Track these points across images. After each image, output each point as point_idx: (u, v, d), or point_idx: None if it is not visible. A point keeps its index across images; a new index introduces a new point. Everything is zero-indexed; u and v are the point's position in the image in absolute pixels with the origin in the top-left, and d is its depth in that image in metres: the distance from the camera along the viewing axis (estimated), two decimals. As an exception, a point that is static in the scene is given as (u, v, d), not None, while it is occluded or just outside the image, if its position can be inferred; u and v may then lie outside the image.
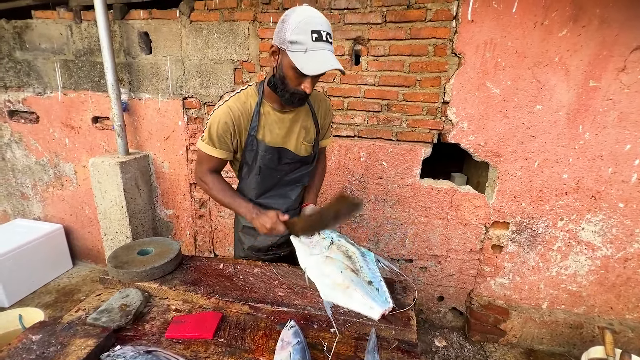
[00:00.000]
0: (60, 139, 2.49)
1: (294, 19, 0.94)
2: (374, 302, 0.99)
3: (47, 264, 2.56)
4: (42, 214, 2.78)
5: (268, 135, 1.18)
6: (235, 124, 1.14)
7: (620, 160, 1.69)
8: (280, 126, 1.19)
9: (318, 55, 0.94)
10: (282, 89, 1.06)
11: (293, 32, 0.94)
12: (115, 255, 1.21)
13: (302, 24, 0.93)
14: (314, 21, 0.94)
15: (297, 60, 0.95)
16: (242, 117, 1.14)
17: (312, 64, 0.95)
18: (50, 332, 0.90)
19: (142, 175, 2.29)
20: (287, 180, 1.28)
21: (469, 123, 1.79)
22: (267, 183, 1.26)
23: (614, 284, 1.87)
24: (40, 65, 2.34)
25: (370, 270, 1.13)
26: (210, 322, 0.98)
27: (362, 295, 1.01)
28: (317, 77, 1.03)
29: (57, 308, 2.31)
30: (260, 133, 1.17)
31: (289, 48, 0.96)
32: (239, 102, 1.14)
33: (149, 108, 2.23)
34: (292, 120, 1.20)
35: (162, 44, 2.08)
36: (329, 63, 0.95)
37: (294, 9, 0.97)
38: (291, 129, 1.21)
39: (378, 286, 1.06)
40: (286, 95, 1.07)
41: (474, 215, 1.94)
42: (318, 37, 0.93)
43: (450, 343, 2.10)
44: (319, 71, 0.95)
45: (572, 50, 1.58)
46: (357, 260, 1.17)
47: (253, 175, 1.23)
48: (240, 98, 1.15)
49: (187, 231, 2.48)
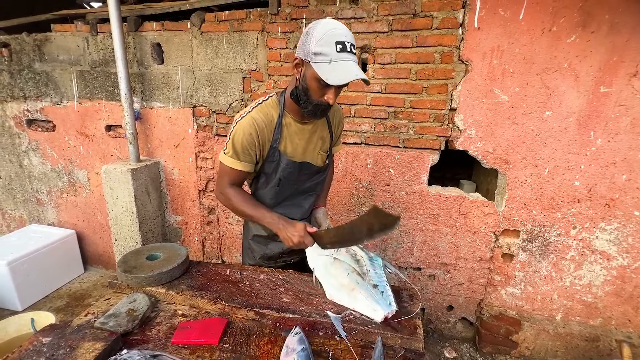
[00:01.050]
0: (75, 147, 2.56)
1: (318, 31, 0.96)
2: (377, 304, 0.99)
3: (59, 268, 2.62)
4: (56, 219, 2.85)
5: (289, 147, 1.18)
6: (259, 136, 1.12)
7: (634, 167, 1.64)
8: (300, 137, 1.19)
9: (342, 65, 0.95)
10: (305, 100, 1.06)
11: (317, 43, 0.95)
12: (125, 260, 1.23)
13: (326, 35, 0.94)
14: (338, 32, 0.95)
15: (322, 71, 0.96)
16: (266, 128, 1.13)
17: (336, 74, 0.95)
18: (60, 335, 0.91)
19: (152, 182, 2.33)
20: (301, 189, 1.28)
21: (476, 130, 1.78)
22: (285, 194, 1.26)
23: (631, 295, 1.81)
24: (57, 76, 2.43)
25: (377, 274, 1.13)
26: (216, 327, 0.98)
27: (365, 297, 1.01)
28: (340, 88, 1.03)
29: (68, 312, 2.34)
30: (282, 144, 1.17)
31: (313, 60, 0.97)
32: (262, 113, 1.13)
33: (160, 116, 2.29)
34: (311, 131, 1.20)
35: (173, 55, 2.14)
36: (353, 73, 0.95)
37: (317, 22, 0.99)
38: (310, 140, 1.21)
39: (383, 290, 1.06)
40: (309, 107, 1.07)
41: (483, 223, 1.90)
42: (342, 48, 0.94)
43: (460, 354, 2.05)
44: (343, 81, 0.96)
45: (582, 56, 1.57)
46: (365, 264, 1.18)
47: (272, 187, 1.23)
48: (263, 109, 1.14)
49: (196, 237, 2.50)
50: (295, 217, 1.27)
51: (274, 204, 1.27)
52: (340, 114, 1.33)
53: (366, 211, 0.97)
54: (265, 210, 1.20)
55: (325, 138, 1.25)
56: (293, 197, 1.28)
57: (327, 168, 1.34)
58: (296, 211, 1.30)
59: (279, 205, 1.28)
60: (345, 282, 1.06)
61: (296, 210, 1.30)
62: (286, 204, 1.28)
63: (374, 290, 1.04)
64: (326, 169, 1.33)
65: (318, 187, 1.33)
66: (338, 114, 1.31)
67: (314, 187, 1.31)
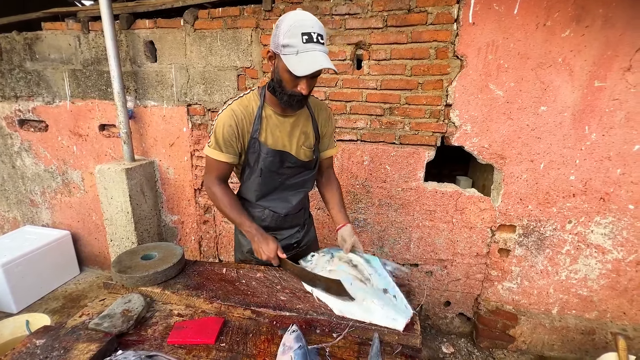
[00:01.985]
0: (68, 147, 2.53)
1: (285, 24, 0.98)
2: (396, 313, 0.96)
3: (55, 270, 2.59)
4: (50, 220, 2.82)
5: (270, 138, 1.20)
6: (239, 127, 1.16)
7: (629, 161, 1.65)
8: (281, 129, 1.20)
9: (308, 56, 0.97)
10: (280, 91, 1.09)
11: (285, 35, 0.98)
12: (119, 260, 1.22)
13: (293, 27, 0.97)
14: (305, 24, 0.97)
15: (289, 62, 0.99)
16: (245, 119, 1.16)
17: (302, 65, 0.98)
18: (54, 336, 0.90)
19: (147, 181, 2.31)
20: (288, 184, 1.29)
21: (472, 125, 1.78)
22: (268, 186, 1.27)
23: (626, 288, 1.82)
24: (49, 75, 2.40)
25: (381, 276, 1.10)
26: (212, 327, 0.98)
27: (381, 307, 0.98)
28: (313, 78, 1.05)
29: (63, 314, 2.33)
30: (263, 135, 1.19)
31: (282, 51, 1.00)
32: (242, 106, 1.17)
33: (154, 115, 2.27)
34: (293, 124, 1.22)
35: (167, 52, 2.12)
36: (318, 63, 0.97)
37: (286, 14, 1.01)
38: (292, 133, 1.22)
39: (394, 293, 1.03)
40: (284, 98, 1.09)
41: (479, 219, 1.91)
42: (308, 39, 0.97)
43: (457, 349, 2.06)
44: (309, 71, 0.97)
45: (576, 50, 1.57)
46: (364, 268, 1.15)
47: (255, 177, 1.25)
48: (242, 102, 1.18)
49: (192, 237, 2.49)
50: (282, 212, 1.30)
51: (258, 197, 1.28)
52: (327, 113, 1.31)
53: (333, 279, 1.07)
54: (247, 218, 1.24)
55: (309, 134, 1.25)
56: (280, 191, 1.29)
57: (315, 165, 1.33)
58: (283, 206, 1.30)
59: (264, 198, 1.28)
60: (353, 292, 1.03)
61: (283, 204, 1.30)
62: (272, 197, 1.29)
63: (386, 297, 1.01)
64: (314, 165, 1.32)
65: (307, 184, 1.33)
66: (325, 113, 1.30)
67: (302, 184, 1.31)
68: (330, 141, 1.36)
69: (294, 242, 1.40)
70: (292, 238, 1.39)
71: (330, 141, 1.36)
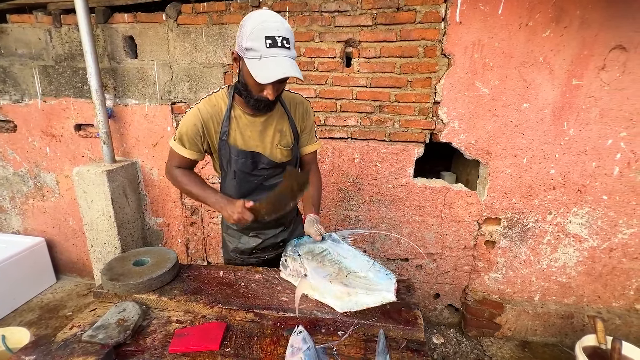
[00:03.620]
0: (40, 148, 2.38)
1: (249, 25, 0.92)
2: (381, 291, 0.98)
3: (29, 279, 2.44)
4: (21, 227, 2.64)
5: (239, 139, 1.16)
6: (204, 127, 1.13)
7: (603, 155, 1.76)
8: (251, 129, 1.16)
9: (272, 62, 0.92)
10: (246, 95, 1.06)
11: (248, 38, 0.92)
12: (110, 267, 1.16)
13: (256, 30, 0.91)
14: (269, 26, 0.91)
15: (252, 68, 0.94)
16: (211, 120, 1.13)
17: (265, 72, 0.92)
18: (45, 352, 0.85)
19: (130, 183, 2.22)
20: (267, 185, 1.25)
21: (459, 122, 1.83)
22: (244, 188, 1.23)
23: (600, 273, 1.95)
24: (17, 71, 2.23)
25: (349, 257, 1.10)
26: (215, 332, 0.95)
27: (365, 293, 0.99)
28: (281, 83, 1.00)
29: (41, 326, 2.19)
30: (232, 137, 1.15)
31: (246, 55, 0.94)
32: (209, 105, 1.13)
33: (135, 114, 2.17)
34: (265, 123, 1.17)
35: (148, 48, 2.03)
36: (281, 71, 0.91)
37: (250, 14, 0.95)
38: (264, 133, 1.18)
39: (369, 268, 1.04)
40: (251, 102, 1.06)
41: (467, 213, 1.97)
42: (272, 44, 0.91)
43: (447, 339, 2.13)
44: (271, 79, 0.92)
45: (556, 50, 1.64)
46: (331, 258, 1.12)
47: (230, 180, 1.22)
48: (210, 100, 1.14)
49: (179, 239, 2.41)
50: None
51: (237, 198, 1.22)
52: (304, 107, 1.25)
53: (284, 175, 1.07)
54: (211, 191, 1.19)
55: (285, 132, 1.21)
56: (258, 192, 1.24)
57: (296, 165, 1.28)
58: None
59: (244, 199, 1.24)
60: (336, 290, 1.02)
61: None
62: (252, 198, 1.22)
63: (365, 280, 1.02)
64: (294, 165, 1.27)
65: None
66: (301, 107, 1.24)
67: None
68: (311, 136, 1.30)
69: (280, 240, 1.38)
70: (278, 237, 1.37)
71: (310, 136, 1.30)
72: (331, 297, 1.03)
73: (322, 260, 1.12)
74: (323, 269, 1.09)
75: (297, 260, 1.14)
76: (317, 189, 1.38)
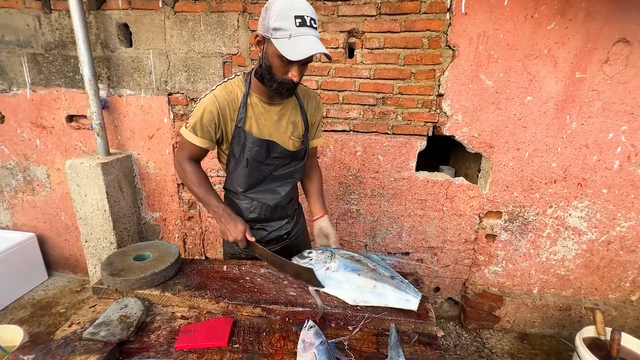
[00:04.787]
0: (29, 140, 2.29)
1: (277, 6, 0.93)
2: (407, 294, 0.98)
3: (19, 276, 2.36)
4: (10, 222, 2.56)
5: (255, 127, 1.14)
6: (220, 114, 1.10)
7: (603, 148, 1.77)
8: (267, 118, 1.15)
9: (302, 40, 0.93)
10: (269, 78, 1.04)
11: (276, 19, 0.92)
12: (110, 263, 1.12)
13: (285, 10, 0.92)
14: (297, 6, 0.92)
15: (282, 47, 0.93)
16: (228, 106, 1.10)
17: (296, 50, 0.93)
18: (45, 350, 0.81)
19: (125, 176, 2.15)
20: (276, 175, 1.24)
21: (463, 115, 1.81)
22: (255, 177, 1.21)
23: (598, 266, 1.97)
24: (3, 59, 2.14)
25: (384, 268, 1.10)
26: (223, 328, 0.92)
27: (393, 290, 0.99)
28: (304, 65, 1.01)
29: (33, 323, 2.13)
30: (247, 124, 1.13)
31: (273, 35, 0.94)
32: (225, 91, 1.11)
33: (130, 105, 2.10)
34: (280, 113, 1.17)
35: (143, 37, 1.96)
36: (313, 47, 0.93)
37: None
38: (279, 122, 1.17)
39: (401, 279, 1.05)
40: (274, 86, 1.04)
41: (468, 206, 1.97)
42: (302, 22, 0.92)
43: (447, 332, 2.14)
44: (303, 56, 0.93)
45: (560, 42, 1.63)
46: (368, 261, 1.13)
47: (241, 168, 1.19)
48: (226, 87, 1.12)
49: (176, 234, 2.36)
50: (271, 204, 1.25)
51: (246, 188, 1.22)
52: (316, 102, 1.27)
53: (304, 267, 1.06)
54: (214, 197, 1.18)
55: (298, 124, 1.21)
56: (267, 182, 1.23)
57: (304, 156, 1.28)
58: (271, 197, 1.25)
59: (251, 189, 1.23)
60: (361, 282, 1.02)
61: (271, 196, 1.25)
62: (260, 189, 1.24)
63: (394, 282, 1.02)
64: (303, 156, 1.27)
65: (295, 174, 1.28)
66: (314, 102, 1.26)
67: (290, 175, 1.26)
68: (318, 130, 1.32)
69: (284, 233, 1.36)
70: (282, 229, 1.35)
71: (317, 131, 1.32)
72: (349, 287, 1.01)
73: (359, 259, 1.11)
74: (354, 264, 1.08)
75: (325, 253, 1.13)
76: (320, 184, 1.39)
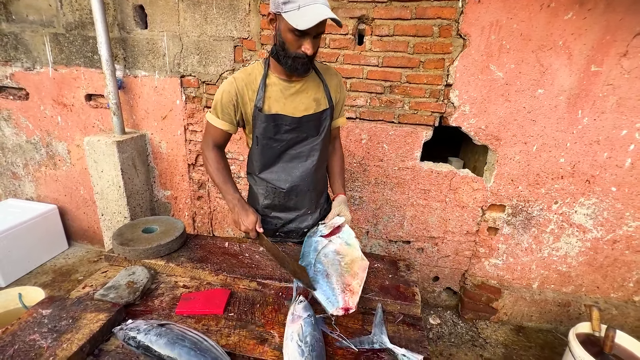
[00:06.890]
0: (52, 117, 2.41)
1: None
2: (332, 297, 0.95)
3: (42, 244, 2.54)
4: (34, 194, 2.73)
5: (275, 106, 1.15)
6: (239, 94, 1.13)
7: (616, 145, 1.72)
8: (286, 95, 1.15)
9: (310, 9, 0.94)
10: (283, 55, 1.05)
11: None
12: (120, 233, 1.21)
13: None
14: None
15: (291, 18, 0.95)
16: (246, 87, 1.13)
17: (305, 19, 0.94)
18: (60, 306, 0.90)
19: (139, 155, 2.25)
20: (291, 154, 1.21)
21: (470, 106, 1.79)
22: (267, 155, 1.20)
23: (601, 264, 1.95)
24: (28, 38, 2.23)
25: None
26: (220, 298, 1.00)
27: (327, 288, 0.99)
28: (316, 37, 1.02)
29: (54, 288, 2.30)
30: (267, 104, 1.14)
31: (283, 9, 0.96)
32: (245, 74, 1.15)
33: (145, 86, 2.17)
34: (299, 89, 1.16)
35: (158, 19, 2.00)
36: (322, 14, 0.93)
37: None
38: (300, 99, 1.16)
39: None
40: (289, 62, 1.05)
41: (471, 198, 1.97)
42: None
43: (444, 321, 2.19)
44: (313, 22, 0.93)
45: (577, 34, 1.58)
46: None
47: (254, 148, 1.21)
48: (246, 70, 1.16)
49: (186, 212, 2.47)
50: (283, 187, 1.22)
51: (260, 168, 1.23)
52: (338, 79, 1.25)
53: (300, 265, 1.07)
54: (231, 186, 1.20)
55: (321, 100, 1.19)
56: (282, 162, 1.22)
57: (321, 131, 1.21)
58: (284, 178, 1.22)
59: (266, 169, 1.23)
60: None
61: (285, 177, 1.22)
62: (274, 169, 1.22)
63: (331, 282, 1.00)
64: (318, 132, 1.21)
65: (313, 153, 1.21)
66: (336, 79, 1.24)
67: (307, 153, 1.21)
68: (342, 110, 1.31)
69: (304, 226, 1.31)
70: (302, 221, 1.30)
71: (342, 110, 1.31)
72: None
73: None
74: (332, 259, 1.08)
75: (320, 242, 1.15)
76: (341, 165, 1.39)
